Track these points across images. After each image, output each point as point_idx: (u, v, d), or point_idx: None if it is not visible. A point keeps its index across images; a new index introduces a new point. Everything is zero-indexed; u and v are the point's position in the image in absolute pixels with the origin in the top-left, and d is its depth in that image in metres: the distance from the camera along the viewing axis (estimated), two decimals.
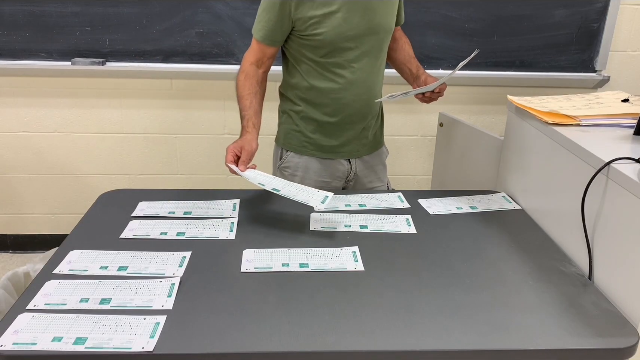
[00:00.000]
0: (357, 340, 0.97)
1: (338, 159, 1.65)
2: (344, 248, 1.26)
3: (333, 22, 1.45)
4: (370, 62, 1.55)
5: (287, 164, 1.66)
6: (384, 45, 1.58)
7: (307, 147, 1.62)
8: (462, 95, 2.59)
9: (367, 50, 1.53)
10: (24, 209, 2.72)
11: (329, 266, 1.18)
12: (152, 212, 1.43)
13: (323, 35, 1.46)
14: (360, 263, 1.21)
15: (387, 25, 1.55)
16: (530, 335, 1.00)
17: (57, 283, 1.11)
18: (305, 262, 1.20)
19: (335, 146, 1.63)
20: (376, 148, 1.73)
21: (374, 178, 1.74)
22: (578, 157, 1.24)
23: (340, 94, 1.55)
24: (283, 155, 1.67)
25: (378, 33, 1.53)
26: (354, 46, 1.50)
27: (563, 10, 2.39)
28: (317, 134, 1.60)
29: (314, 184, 1.63)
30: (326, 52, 1.49)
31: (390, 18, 1.56)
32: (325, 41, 1.46)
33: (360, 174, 1.70)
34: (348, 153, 1.65)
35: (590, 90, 2.53)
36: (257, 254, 1.23)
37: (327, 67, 1.52)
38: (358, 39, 1.49)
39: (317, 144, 1.62)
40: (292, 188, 1.37)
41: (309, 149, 1.62)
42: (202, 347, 0.95)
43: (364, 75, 1.55)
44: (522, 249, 1.30)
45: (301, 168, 1.64)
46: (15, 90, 2.48)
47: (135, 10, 2.32)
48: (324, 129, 1.60)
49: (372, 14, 1.49)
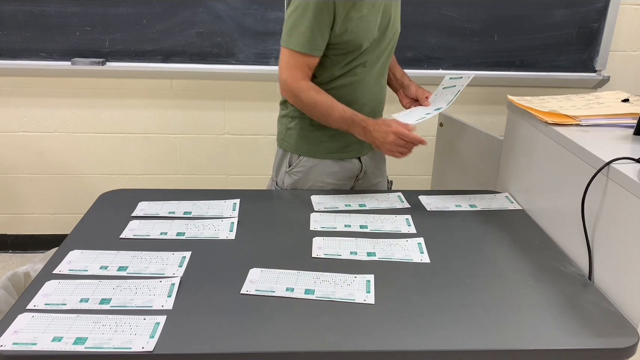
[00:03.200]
0: (357, 340, 0.97)
1: (349, 158, 1.64)
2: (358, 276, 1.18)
3: (364, 25, 1.44)
4: (383, 63, 1.56)
5: (300, 168, 1.62)
6: (394, 47, 1.60)
7: (321, 149, 1.60)
8: (462, 95, 2.56)
9: (383, 52, 1.53)
10: (24, 209, 2.72)
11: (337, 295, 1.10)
12: (152, 212, 1.43)
13: (354, 40, 1.44)
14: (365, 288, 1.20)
15: (398, 27, 1.57)
16: (530, 335, 1.00)
17: (57, 283, 1.11)
18: (312, 288, 1.12)
19: (345, 146, 1.61)
20: None
21: (378, 173, 1.74)
22: (578, 157, 1.24)
23: (355, 95, 1.53)
24: (294, 160, 1.63)
25: (393, 34, 1.54)
26: (373, 48, 1.50)
27: (563, 10, 2.39)
28: (333, 135, 1.58)
29: (326, 187, 1.62)
30: (352, 57, 1.47)
31: (399, 21, 1.58)
32: (354, 43, 1.44)
33: (368, 171, 1.70)
34: (357, 151, 1.64)
35: (590, 90, 2.53)
36: (263, 274, 1.16)
37: (346, 69, 1.50)
38: (378, 40, 1.49)
39: (332, 147, 1.60)
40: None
41: (323, 152, 1.60)
42: (202, 347, 0.95)
43: (375, 77, 1.56)
44: (522, 249, 1.30)
45: (314, 172, 1.61)
46: (15, 90, 2.48)
47: (135, 10, 2.32)
48: (336, 130, 1.55)
49: (388, 15, 1.50)
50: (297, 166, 1.63)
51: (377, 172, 1.74)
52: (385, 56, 1.56)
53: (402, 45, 2.38)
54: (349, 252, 1.26)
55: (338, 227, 1.38)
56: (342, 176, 1.64)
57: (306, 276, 1.16)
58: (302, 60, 1.43)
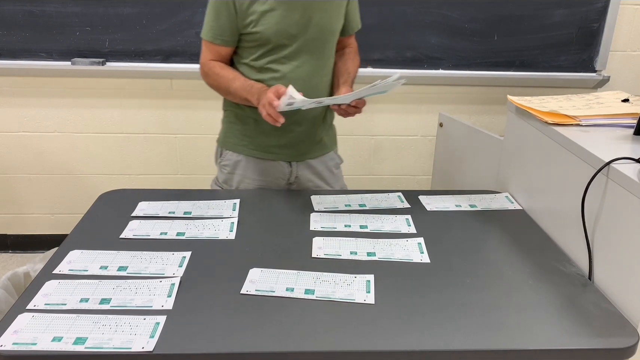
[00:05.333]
0: (357, 340, 0.97)
1: (278, 160, 1.62)
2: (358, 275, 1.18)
3: (273, 19, 1.44)
4: (312, 62, 1.51)
5: (226, 162, 1.64)
6: (327, 46, 1.54)
7: (247, 146, 1.60)
8: (462, 95, 2.59)
9: (305, 49, 1.49)
10: (24, 209, 2.72)
11: (337, 295, 1.10)
12: (152, 212, 1.43)
13: (262, 33, 1.44)
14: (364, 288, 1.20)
15: (329, 26, 1.52)
16: (530, 335, 1.00)
17: (57, 283, 1.11)
18: (312, 288, 1.12)
19: (274, 146, 1.60)
20: (322, 153, 1.68)
21: (321, 184, 1.69)
22: (578, 157, 1.24)
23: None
24: (222, 154, 1.65)
25: (318, 32, 1.49)
26: (290, 43, 1.47)
27: (563, 10, 2.39)
28: (256, 133, 1.58)
29: (253, 184, 1.62)
30: (265, 50, 1.48)
31: (334, 20, 1.53)
32: (264, 38, 1.45)
33: (303, 178, 1.66)
34: (288, 156, 1.62)
35: (590, 90, 2.53)
36: (263, 274, 1.16)
37: (264, 66, 1.50)
38: (296, 36, 1.47)
39: (255, 144, 1.59)
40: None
41: (248, 148, 1.60)
42: (202, 347, 0.95)
43: (304, 75, 1.51)
44: (522, 249, 1.30)
45: (240, 167, 1.62)
46: (15, 90, 2.48)
47: (135, 10, 2.32)
48: (263, 128, 1.55)
49: (312, 12, 1.46)
50: (224, 160, 1.65)
51: (320, 182, 1.69)
52: (312, 54, 1.51)
53: (402, 45, 2.40)
54: (349, 252, 1.26)
55: (338, 227, 1.38)
56: (266, 175, 1.63)
57: (306, 276, 1.16)
58: (211, 47, 1.53)
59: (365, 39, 2.38)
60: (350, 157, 2.66)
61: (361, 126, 2.60)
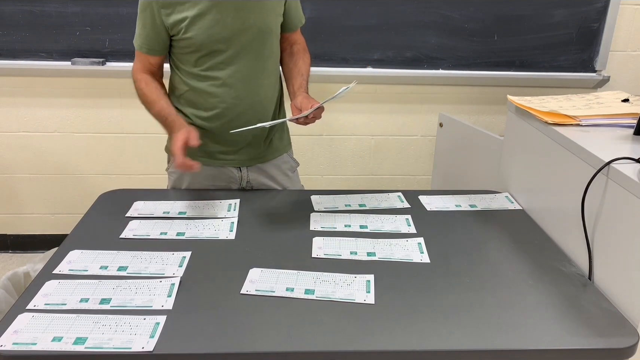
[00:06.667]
0: (357, 340, 0.97)
1: (226, 166, 1.59)
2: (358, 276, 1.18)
3: (204, 24, 1.40)
4: (250, 64, 1.47)
5: (174, 169, 1.61)
6: (266, 47, 1.49)
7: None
8: (462, 95, 2.59)
9: (243, 52, 1.46)
10: (24, 209, 2.72)
11: (337, 295, 1.10)
12: (148, 212, 1.43)
13: (194, 39, 1.41)
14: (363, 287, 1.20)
15: (265, 26, 1.46)
16: (530, 335, 1.00)
17: (57, 283, 1.11)
18: (312, 288, 1.12)
19: (223, 152, 1.57)
20: (273, 157, 1.64)
21: (276, 187, 1.66)
22: (578, 157, 1.24)
23: (219, 97, 1.48)
24: (170, 159, 1.62)
25: (254, 33, 1.45)
26: (226, 48, 1.44)
27: (563, 10, 2.39)
28: (203, 139, 1.50)
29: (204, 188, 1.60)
30: (200, 55, 1.44)
31: (271, 19, 1.48)
32: (197, 44, 1.42)
33: (255, 183, 1.64)
34: (236, 161, 1.59)
35: (590, 90, 2.53)
36: (263, 274, 1.16)
37: (203, 71, 1.47)
38: (231, 40, 1.43)
39: (202, 150, 1.53)
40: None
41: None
42: (202, 347, 0.95)
43: (244, 79, 1.48)
44: (522, 249, 1.30)
45: (188, 173, 1.58)
46: (15, 90, 2.48)
47: (135, 10, 2.31)
48: (209, 134, 1.53)
49: (246, 13, 1.42)
50: (171, 167, 1.63)
51: (275, 185, 1.66)
52: (251, 57, 1.47)
53: (402, 45, 2.40)
54: (349, 252, 1.26)
55: (338, 227, 1.38)
56: (219, 182, 1.61)
57: (306, 276, 1.16)
58: (140, 56, 1.51)
59: (365, 39, 2.40)
60: (350, 157, 2.66)
61: (361, 126, 2.60)
